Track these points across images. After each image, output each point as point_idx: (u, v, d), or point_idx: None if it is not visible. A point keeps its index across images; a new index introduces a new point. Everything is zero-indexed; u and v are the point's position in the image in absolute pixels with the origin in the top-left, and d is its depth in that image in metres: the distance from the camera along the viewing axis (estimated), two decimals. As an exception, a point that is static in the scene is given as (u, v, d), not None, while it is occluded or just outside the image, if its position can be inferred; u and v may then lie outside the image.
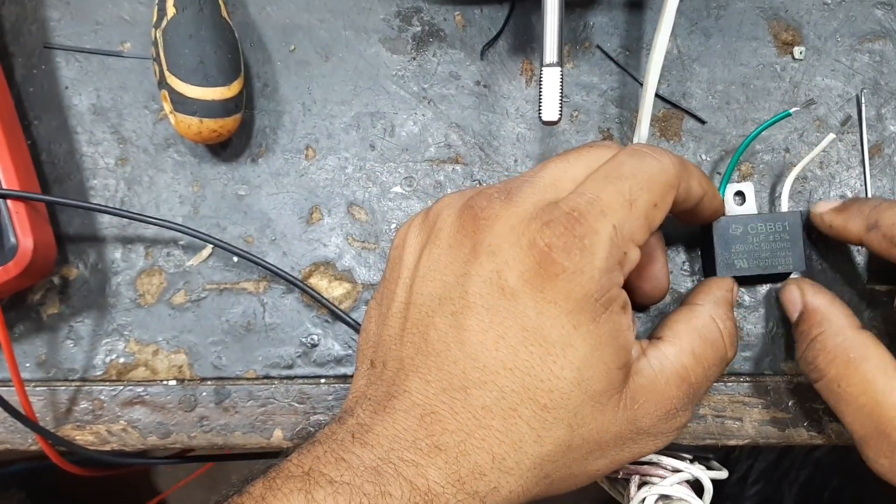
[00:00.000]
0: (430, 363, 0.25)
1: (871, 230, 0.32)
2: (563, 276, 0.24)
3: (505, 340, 0.24)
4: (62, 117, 0.37)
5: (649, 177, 0.27)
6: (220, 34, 0.33)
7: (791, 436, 0.35)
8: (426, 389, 0.25)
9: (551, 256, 0.24)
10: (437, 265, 0.26)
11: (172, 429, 0.35)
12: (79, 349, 0.36)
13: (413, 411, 0.24)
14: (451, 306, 0.25)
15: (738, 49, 0.37)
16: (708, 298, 0.31)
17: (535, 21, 0.38)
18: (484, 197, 0.27)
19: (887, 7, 0.37)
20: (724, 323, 0.30)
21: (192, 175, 0.37)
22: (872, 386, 0.29)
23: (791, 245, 0.34)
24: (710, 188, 0.31)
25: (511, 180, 0.28)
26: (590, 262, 0.25)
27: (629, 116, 0.37)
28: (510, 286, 0.25)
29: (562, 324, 0.24)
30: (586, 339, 0.25)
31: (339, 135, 0.37)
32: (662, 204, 0.27)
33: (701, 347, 0.29)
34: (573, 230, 0.25)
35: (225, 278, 0.36)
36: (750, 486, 0.76)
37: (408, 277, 0.28)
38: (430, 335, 0.25)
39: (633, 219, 0.26)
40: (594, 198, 0.25)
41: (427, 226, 0.28)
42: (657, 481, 0.32)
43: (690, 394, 0.28)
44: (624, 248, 0.26)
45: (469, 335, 0.25)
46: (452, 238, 0.26)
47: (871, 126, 0.37)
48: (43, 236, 0.34)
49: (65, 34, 0.37)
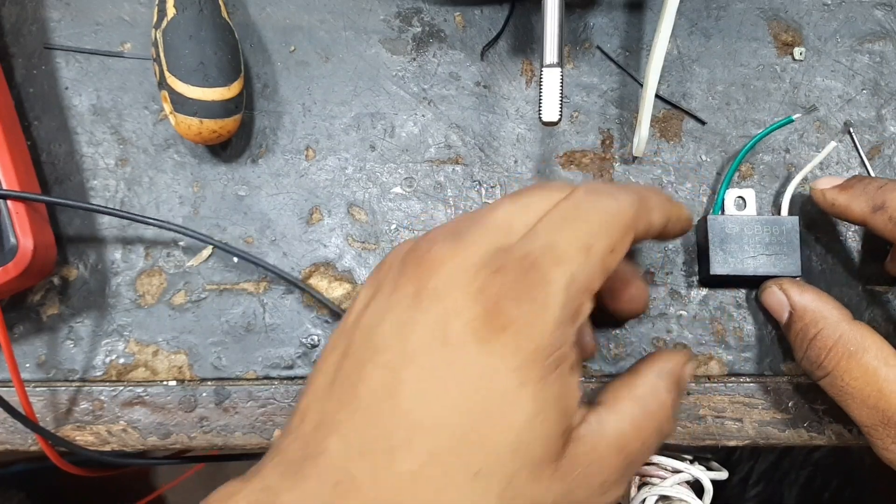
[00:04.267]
0: (356, 420, 0.22)
1: (876, 211, 0.31)
2: (513, 329, 0.22)
3: (443, 396, 0.22)
4: (62, 118, 0.37)
5: (607, 219, 0.25)
6: (221, 35, 0.33)
7: (791, 437, 0.35)
8: (346, 450, 0.22)
9: (500, 306, 0.22)
10: (378, 313, 0.24)
11: (172, 429, 0.35)
12: (79, 350, 0.36)
13: (327, 476, 0.21)
14: (388, 356, 0.23)
15: (738, 50, 0.37)
16: (653, 368, 0.29)
17: (535, 22, 0.38)
18: (428, 239, 0.25)
19: (887, 8, 0.37)
20: (664, 395, 0.28)
21: (192, 176, 0.37)
22: (875, 376, 0.30)
23: (788, 249, 0.34)
24: (674, 211, 0.29)
25: (460, 220, 0.26)
26: (542, 315, 0.22)
27: (629, 117, 0.37)
28: (454, 336, 0.22)
29: (506, 381, 0.22)
30: (532, 400, 0.22)
31: (340, 135, 0.37)
32: (620, 247, 0.25)
33: (641, 417, 0.26)
34: (525, 278, 0.23)
35: (225, 279, 0.36)
36: (750, 487, 0.76)
37: (350, 330, 0.25)
38: (359, 389, 0.23)
39: (590, 266, 0.24)
40: (549, 243, 0.23)
41: (375, 275, 0.26)
42: (657, 482, 0.32)
43: (627, 466, 0.26)
44: (579, 299, 0.24)
45: (403, 389, 0.22)
46: (395, 283, 0.24)
47: (871, 127, 0.37)
48: (43, 237, 0.34)
49: (65, 35, 0.37)
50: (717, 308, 0.36)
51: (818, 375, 0.32)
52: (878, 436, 0.30)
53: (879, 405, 0.30)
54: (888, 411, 0.30)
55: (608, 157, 0.37)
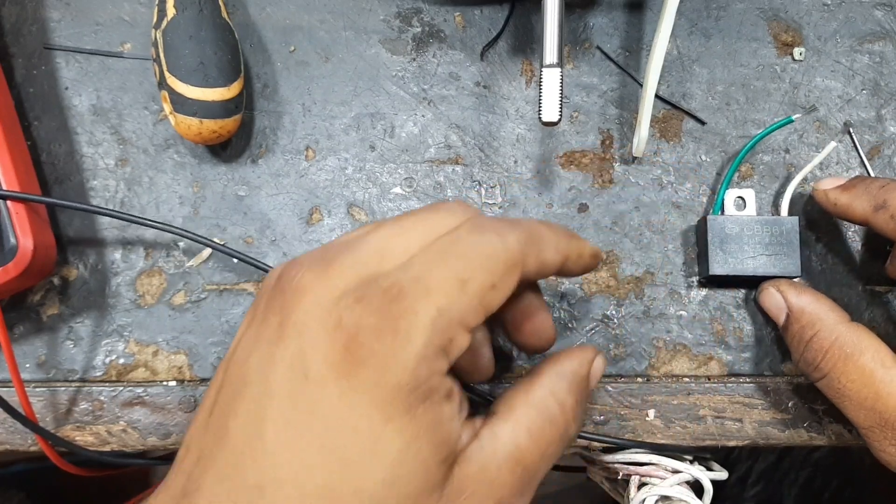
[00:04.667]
0: (228, 457, 0.22)
1: (878, 210, 0.31)
2: (372, 363, 0.21)
3: (307, 434, 0.21)
4: (62, 118, 0.37)
5: (488, 256, 0.24)
6: (221, 35, 0.33)
7: (791, 437, 0.35)
8: (219, 487, 0.21)
9: (359, 339, 0.21)
10: (247, 345, 0.23)
11: (172, 429, 0.35)
12: (79, 350, 0.36)
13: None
14: (254, 392, 0.22)
15: (737, 50, 0.37)
16: (551, 370, 0.28)
17: (535, 22, 0.38)
18: (296, 265, 0.24)
19: (887, 8, 0.37)
20: (563, 396, 0.27)
21: (192, 176, 0.37)
22: (872, 378, 0.30)
23: (788, 250, 0.34)
24: (575, 248, 0.27)
25: (333, 244, 0.25)
26: (403, 348, 0.21)
27: (629, 117, 0.37)
28: (314, 372, 0.21)
29: (370, 416, 0.21)
30: (400, 434, 0.21)
31: (339, 135, 0.37)
32: (502, 285, 0.24)
33: (538, 424, 0.25)
34: (388, 309, 0.22)
35: (225, 279, 0.36)
36: (750, 487, 0.76)
37: (227, 358, 0.24)
38: (230, 425, 0.22)
39: (464, 301, 0.23)
40: (420, 275, 0.22)
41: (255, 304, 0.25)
42: (657, 482, 0.32)
43: (526, 478, 0.25)
44: (449, 333, 0.22)
45: (268, 427, 0.21)
46: (262, 314, 0.24)
47: (871, 127, 0.37)
48: (43, 237, 0.34)
49: (65, 35, 0.37)
50: (716, 308, 0.36)
51: (815, 377, 0.32)
52: (875, 437, 0.30)
53: (876, 407, 0.30)
54: (885, 413, 0.30)
55: (608, 158, 0.37)
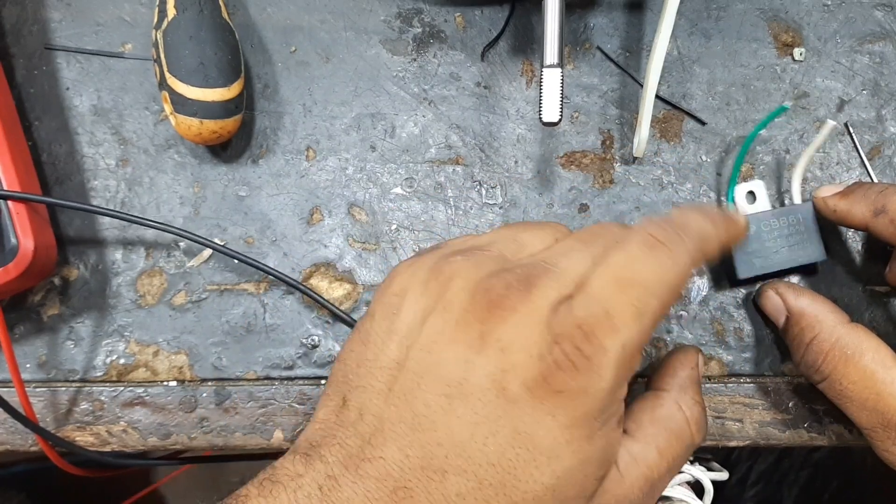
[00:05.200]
0: (413, 437, 0.24)
1: (877, 215, 0.31)
2: (567, 394, 0.24)
3: (494, 438, 0.24)
4: (63, 118, 0.37)
5: (662, 283, 0.26)
6: (221, 35, 0.33)
7: (791, 437, 0.35)
8: (403, 462, 0.24)
9: (558, 374, 0.24)
10: (440, 339, 0.25)
11: (173, 430, 0.35)
12: (79, 350, 0.36)
13: (386, 482, 0.24)
14: (447, 388, 0.25)
15: (738, 50, 0.37)
16: (674, 382, 0.30)
17: (535, 22, 0.38)
18: (503, 283, 0.26)
19: (887, 8, 0.37)
20: (690, 410, 0.29)
21: (192, 176, 0.37)
22: (873, 379, 0.30)
23: (808, 237, 0.34)
24: (729, 230, 0.29)
25: (531, 265, 0.27)
26: (596, 384, 0.24)
27: (629, 118, 0.37)
28: (511, 390, 0.24)
29: (555, 436, 0.24)
30: (576, 454, 0.24)
31: (340, 136, 0.37)
32: (670, 303, 0.26)
33: (666, 442, 0.28)
34: (583, 350, 0.24)
35: (226, 279, 0.36)
36: (749, 488, 0.76)
37: (405, 336, 0.26)
38: (417, 408, 0.25)
39: (643, 329, 0.25)
40: (606, 311, 0.25)
41: (435, 289, 0.27)
42: (657, 482, 0.32)
43: (651, 491, 0.27)
44: (631, 362, 0.25)
45: (459, 423, 0.24)
46: (461, 317, 0.25)
47: (871, 127, 0.37)
48: (43, 237, 0.34)
49: (66, 35, 0.37)
50: (717, 308, 0.36)
51: (816, 379, 0.32)
52: (878, 438, 0.30)
53: (878, 407, 0.30)
54: (887, 413, 0.30)
55: (608, 158, 0.37)
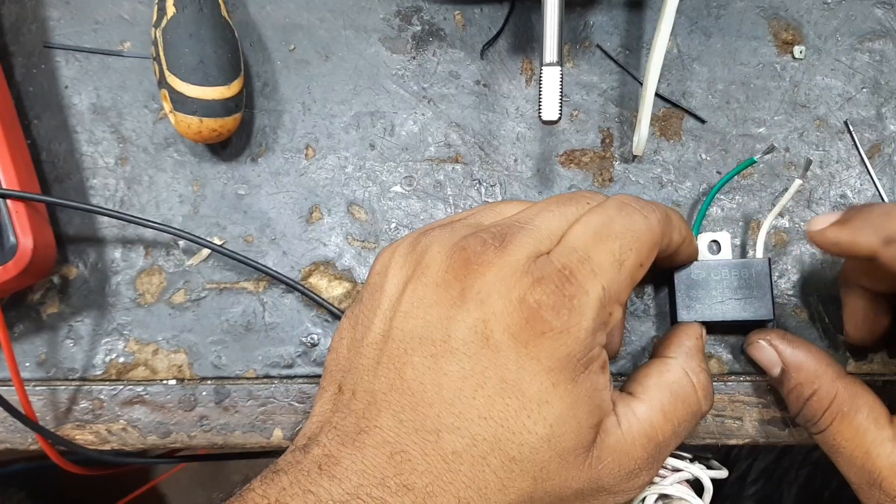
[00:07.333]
0: (405, 402, 0.25)
1: (889, 244, 0.27)
2: (549, 335, 0.24)
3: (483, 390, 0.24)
4: (62, 116, 0.37)
5: (638, 236, 0.27)
6: (220, 33, 0.33)
7: (791, 435, 0.35)
8: (398, 428, 0.24)
9: (540, 314, 0.24)
10: (421, 303, 0.26)
11: (172, 428, 0.35)
12: (79, 349, 0.36)
13: (383, 448, 0.24)
14: (432, 348, 0.25)
15: (738, 48, 0.37)
16: (680, 350, 0.30)
17: (534, 20, 0.38)
18: (478, 240, 0.26)
19: (887, 6, 0.37)
20: (697, 376, 0.29)
21: (191, 174, 0.37)
22: (864, 438, 0.29)
23: (759, 293, 0.33)
24: (688, 234, 0.31)
25: (504, 224, 0.27)
26: (577, 323, 0.25)
27: (629, 116, 0.37)
28: (495, 338, 0.25)
29: (541, 380, 0.24)
30: (563, 397, 0.25)
31: (339, 134, 0.37)
32: (647, 262, 0.27)
33: (671, 405, 0.28)
34: (563, 289, 0.25)
35: (225, 277, 0.36)
36: (749, 486, 0.76)
37: (388, 309, 0.27)
38: (406, 373, 0.25)
39: (621, 279, 0.26)
40: (585, 256, 0.26)
41: (413, 258, 0.28)
42: (657, 480, 0.32)
43: (656, 453, 0.28)
44: (610, 308, 0.26)
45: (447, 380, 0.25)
46: (440, 278, 0.26)
47: (871, 125, 0.37)
48: (43, 236, 0.34)
49: (65, 33, 0.37)
50: (716, 307, 0.36)
51: (814, 432, 0.31)
52: (865, 495, 0.30)
53: (866, 466, 0.29)
54: (873, 472, 0.29)
55: (608, 156, 0.37)
